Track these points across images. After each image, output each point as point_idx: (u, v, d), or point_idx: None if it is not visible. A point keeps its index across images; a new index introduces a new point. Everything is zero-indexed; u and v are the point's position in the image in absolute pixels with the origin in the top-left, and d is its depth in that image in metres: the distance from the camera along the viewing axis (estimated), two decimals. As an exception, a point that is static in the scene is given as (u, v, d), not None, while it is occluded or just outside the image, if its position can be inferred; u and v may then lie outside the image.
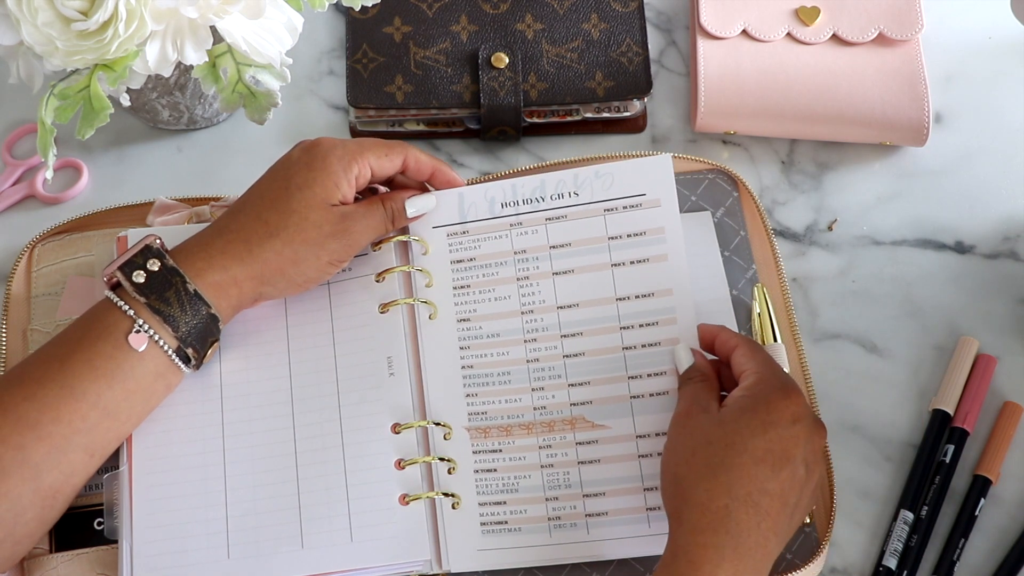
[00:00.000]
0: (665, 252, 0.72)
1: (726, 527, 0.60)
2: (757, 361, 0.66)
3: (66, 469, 0.65)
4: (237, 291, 0.69)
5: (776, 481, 0.61)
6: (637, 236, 0.73)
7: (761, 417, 0.62)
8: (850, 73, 0.85)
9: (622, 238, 0.73)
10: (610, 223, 0.73)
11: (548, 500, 0.69)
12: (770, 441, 0.62)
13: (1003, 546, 0.74)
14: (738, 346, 0.68)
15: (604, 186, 0.74)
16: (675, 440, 0.65)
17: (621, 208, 0.73)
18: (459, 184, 0.75)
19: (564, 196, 0.74)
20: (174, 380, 0.69)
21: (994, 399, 0.78)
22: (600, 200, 0.74)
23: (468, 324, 0.73)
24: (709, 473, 0.61)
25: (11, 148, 0.87)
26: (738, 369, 0.67)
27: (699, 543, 0.60)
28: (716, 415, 0.64)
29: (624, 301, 0.72)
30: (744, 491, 0.61)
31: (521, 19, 0.88)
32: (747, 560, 0.60)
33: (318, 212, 0.69)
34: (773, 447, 0.62)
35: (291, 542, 0.68)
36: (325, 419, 0.71)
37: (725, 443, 0.62)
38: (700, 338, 0.70)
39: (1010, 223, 0.84)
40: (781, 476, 0.62)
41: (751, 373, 0.66)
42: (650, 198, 0.73)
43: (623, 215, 0.73)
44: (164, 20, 0.71)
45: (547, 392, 0.71)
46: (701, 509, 0.60)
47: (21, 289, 0.78)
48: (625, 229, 0.73)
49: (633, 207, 0.73)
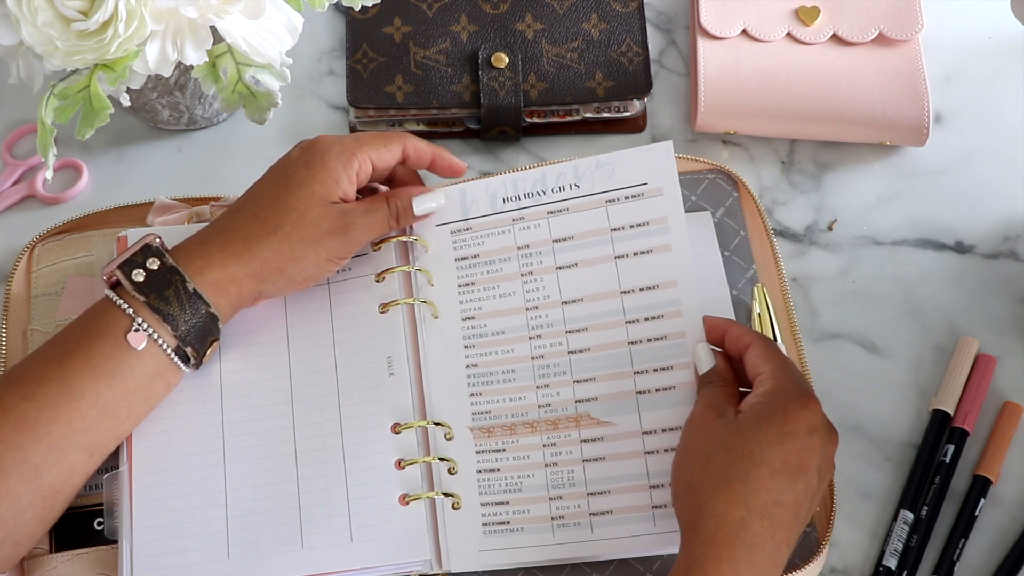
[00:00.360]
0: (669, 242, 0.71)
1: (741, 540, 0.59)
2: (773, 364, 0.65)
3: (65, 469, 0.65)
4: (236, 289, 0.69)
5: (792, 492, 0.61)
6: (640, 227, 0.71)
7: (779, 427, 0.61)
8: (850, 73, 0.85)
9: (624, 229, 0.72)
10: (612, 214, 0.72)
11: (552, 499, 0.69)
12: (787, 452, 0.61)
13: (1003, 546, 0.74)
14: (751, 344, 0.66)
15: (605, 176, 0.73)
16: (689, 444, 0.63)
17: (623, 199, 0.72)
18: (460, 167, 0.74)
19: (565, 188, 0.73)
20: (173, 379, 0.69)
21: (994, 399, 0.78)
22: (601, 191, 0.73)
23: (473, 322, 0.73)
24: (725, 483, 0.60)
25: (11, 148, 0.87)
26: (753, 371, 0.65)
27: (714, 556, 0.59)
28: (733, 421, 0.62)
29: (629, 294, 0.71)
30: (760, 502, 0.60)
31: (521, 19, 0.88)
32: (760, 572, 0.59)
33: (316, 209, 0.69)
34: (790, 458, 0.61)
35: (291, 542, 0.68)
36: (325, 419, 0.71)
37: (742, 452, 0.61)
38: (707, 331, 0.69)
39: (1010, 223, 0.84)
40: (796, 487, 0.61)
41: (767, 378, 0.64)
42: (652, 187, 0.72)
43: (625, 205, 0.72)
44: (164, 20, 0.71)
45: (552, 389, 0.71)
46: (717, 520, 0.60)
47: (21, 289, 0.78)
48: (627, 220, 0.72)
49: (635, 197, 0.72)
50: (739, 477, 0.60)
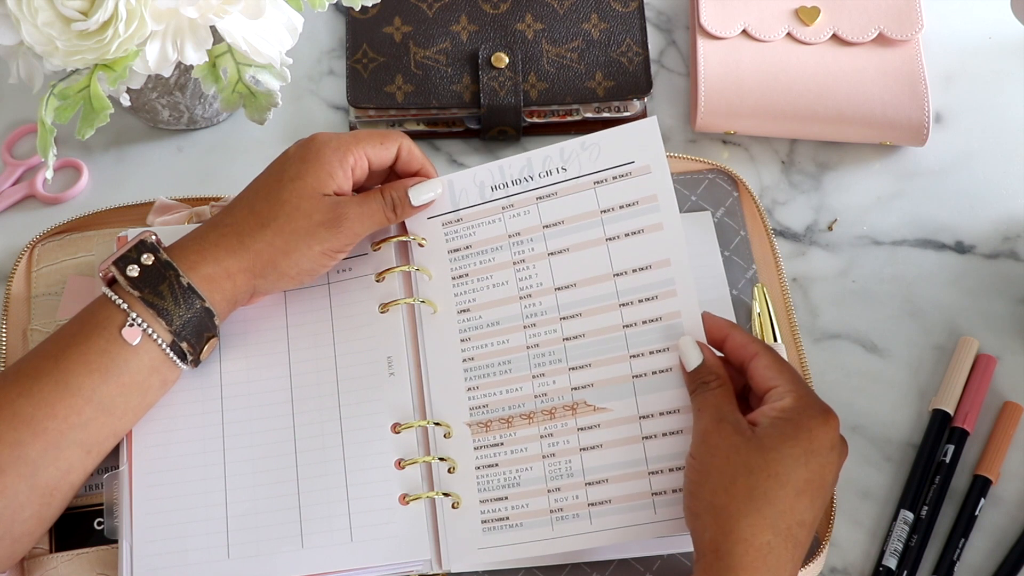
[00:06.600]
0: (660, 221, 0.70)
1: (767, 564, 0.59)
2: (787, 377, 0.63)
3: (63, 466, 0.65)
4: (231, 284, 0.69)
5: (812, 511, 0.60)
6: (630, 207, 0.70)
7: (804, 446, 0.60)
8: (850, 73, 0.85)
9: (614, 210, 0.71)
10: (601, 196, 0.71)
11: (550, 492, 0.68)
12: (811, 471, 0.60)
13: (1003, 546, 0.74)
14: (758, 355, 0.64)
15: (591, 157, 0.72)
16: (709, 463, 0.61)
17: (611, 179, 0.71)
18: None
19: (552, 173, 0.72)
20: (170, 376, 0.69)
21: (994, 399, 0.78)
22: (589, 173, 0.72)
23: (468, 315, 0.72)
24: (753, 507, 0.59)
25: (11, 148, 0.87)
26: (764, 383, 0.64)
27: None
28: (753, 438, 0.61)
29: (621, 276, 0.70)
30: (785, 524, 0.59)
31: (521, 19, 0.88)
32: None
33: (309, 201, 0.68)
34: (813, 477, 0.60)
35: (291, 542, 0.68)
36: (325, 419, 0.71)
37: (768, 473, 0.60)
38: (707, 331, 0.67)
39: (1010, 223, 0.84)
40: (816, 505, 0.61)
41: (786, 392, 0.62)
42: (639, 165, 0.71)
43: (613, 186, 0.71)
44: (164, 20, 0.71)
45: (548, 378, 0.70)
46: (744, 545, 0.59)
47: (21, 289, 0.78)
48: (617, 200, 0.71)
49: (623, 176, 0.71)
50: (765, 500, 0.59)
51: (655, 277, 0.69)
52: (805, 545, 0.61)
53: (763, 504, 0.59)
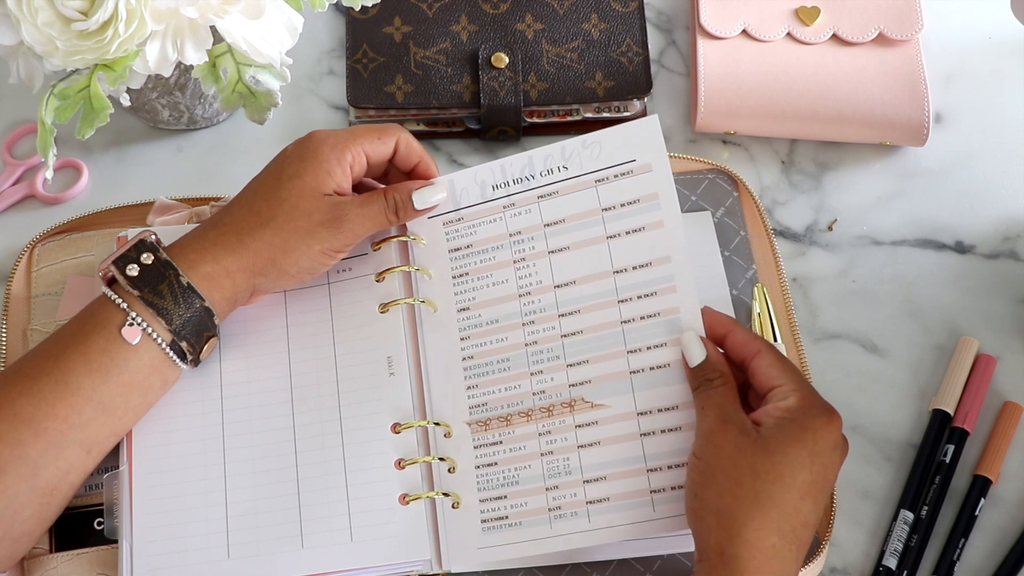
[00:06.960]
0: (660, 218, 0.70)
1: (772, 567, 0.59)
2: (790, 376, 0.63)
3: (63, 466, 0.65)
4: (230, 283, 0.69)
5: (816, 513, 0.61)
6: (631, 205, 0.70)
7: (808, 447, 0.60)
8: (850, 73, 0.85)
9: (615, 208, 0.71)
10: (602, 194, 0.71)
11: (548, 490, 0.68)
12: (815, 473, 0.60)
13: (1003, 546, 0.74)
14: (760, 353, 0.64)
15: (592, 156, 0.72)
16: (713, 464, 0.61)
17: (612, 177, 0.71)
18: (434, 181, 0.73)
19: (553, 171, 0.72)
20: (170, 375, 0.69)
21: (994, 399, 0.78)
22: (590, 171, 0.72)
23: (468, 313, 0.72)
24: (759, 510, 0.59)
25: (11, 148, 0.87)
26: (766, 381, 0.63)
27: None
28: (757, 439, 0.60)
29: (621, 273, 0.70)
30: (790, 527, 0.59)
31: (521, 19, 0.88)
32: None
33: (308, 200, 0.68)
34: (817, 478, 0.60)
35: (291, 542, 0.68)
36: (325, 419, 0.71)
37: (774, 476, 0.59)
38: (708, 326, 0.67)
39: (1010, 223, 0.84)
40: (819, 506, 0.61)
41: (790, 392, 0.62)
42: (640, 163, 0.71)
43: (614, 184, 0.71)
44: (164, 20, 0.71)
45: (546, 375, 0.70)
46: (750, 549, 0.59)
47: (21, 289, 0.78)
48: (618, 199, 0.71)
49: (624, 175, 0.71)
50: (771, 503, 0.59)
51: (655, 274, 0.69)
52: (806, 544, 0.61)
53: (769, 507, 0.59)
